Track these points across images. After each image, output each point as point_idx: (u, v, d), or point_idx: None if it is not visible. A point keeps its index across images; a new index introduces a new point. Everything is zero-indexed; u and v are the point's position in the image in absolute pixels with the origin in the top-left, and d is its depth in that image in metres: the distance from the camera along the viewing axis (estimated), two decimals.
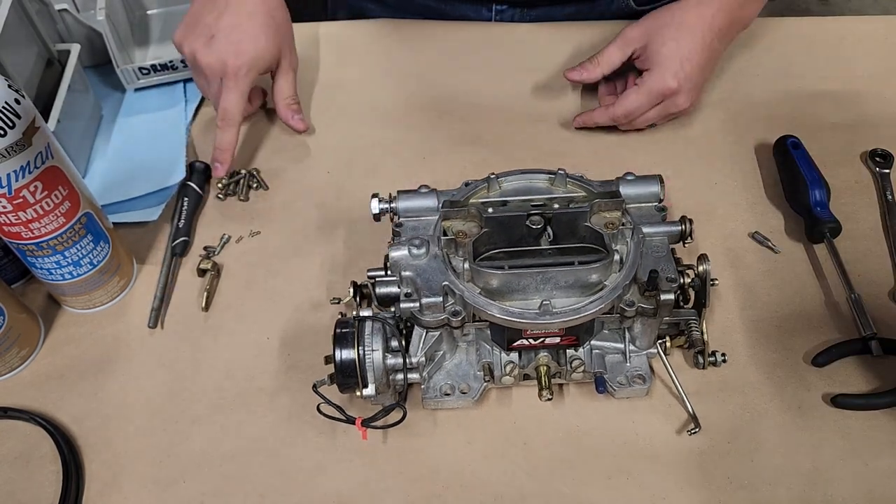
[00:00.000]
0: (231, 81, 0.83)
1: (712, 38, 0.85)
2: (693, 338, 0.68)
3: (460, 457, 0.67)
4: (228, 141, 0.85)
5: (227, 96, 0.83)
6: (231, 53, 0.82)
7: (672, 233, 0.67)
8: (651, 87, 0.84)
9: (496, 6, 1.05)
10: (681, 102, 0.85)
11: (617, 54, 0.88)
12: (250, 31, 0.84)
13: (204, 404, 0.71)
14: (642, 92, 0.84)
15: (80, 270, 0.73)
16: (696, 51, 0.84)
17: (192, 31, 0.84)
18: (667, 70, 0.83)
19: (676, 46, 0.84)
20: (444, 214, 0.67)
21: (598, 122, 0.89)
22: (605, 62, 0.88)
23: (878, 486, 0.64)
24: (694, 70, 0.84)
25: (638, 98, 0.85)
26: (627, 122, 0.88)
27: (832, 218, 0.78)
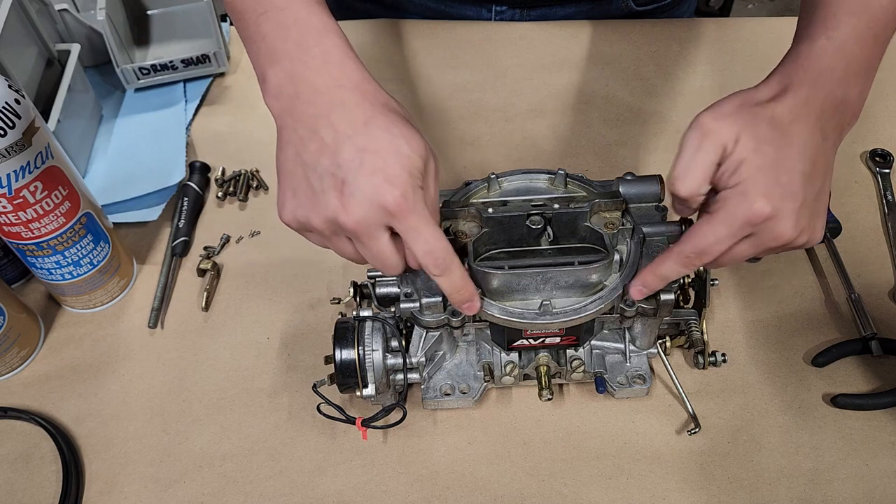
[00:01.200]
0: (409, 219, 0.53)
1: (813, 131, 0.56)
2: (693, 338, 0.68)
3: (460, 457, 0.67)
4: (458, 279, 0.58)
5: (421, 238, 0.54)
6: (383, 189, 0.52)
7: (672, 233, 0.66)
8: (734, 212, 0.55)
9: (496, 7, 1.05)
10: (781, 231, 0.55)
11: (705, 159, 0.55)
12: (383, 143, 0.53)
13: (204, 404, 0.71)
14: (718, 220, 0.55)
15: (80, 270, 0.73)
16: (796, 158, 0.55)
17: (303, 198, 0.56)
18: (756, 187, 0.54)
19: (772, 152, 0.55)
20: (444, 214, 0.67)
21: (668, 276, 0.59)
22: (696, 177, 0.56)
23: (878, 486, 0.64)
24: (795, 183, 0.55)
25: (713, 230, 0.56)
26: (714, 263, 0.58)
27: (832, 218, 0.78)
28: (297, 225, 0.58)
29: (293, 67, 0.56)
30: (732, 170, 0.55)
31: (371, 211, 0.53)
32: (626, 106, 0.94)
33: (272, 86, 0.56)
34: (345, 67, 0.56)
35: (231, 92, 0.99)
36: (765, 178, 0.55)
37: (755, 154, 0.55)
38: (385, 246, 0.55)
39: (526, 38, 1.02)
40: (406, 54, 1.02)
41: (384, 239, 0.55)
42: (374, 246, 0.55)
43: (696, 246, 0.57)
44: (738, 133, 0.55)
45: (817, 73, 0.57)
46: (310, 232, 0.58)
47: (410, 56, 1.02)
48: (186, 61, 0.96)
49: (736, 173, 0.55)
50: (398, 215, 0.53)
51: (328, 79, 0.55)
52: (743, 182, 0.55)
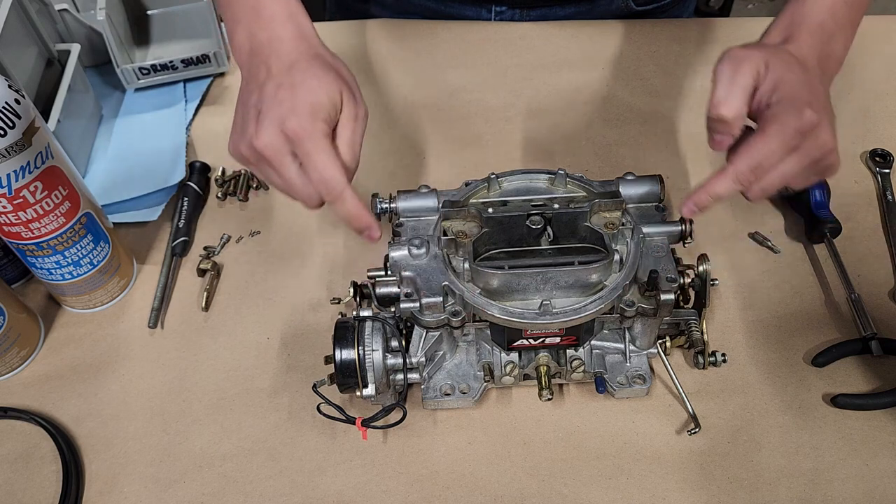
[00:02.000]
0: (307, 144, 0.60)
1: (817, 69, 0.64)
2: (693, 338, 0.68)
3: (460, 457, 0.67)
4: (353, 206, 0.62)
5: (314, 164, 0.60)
6: (287, 115, 0.60)
7: (672, 233, 0.67)
8: (786, 122, 0.59)
9: (496, 7, 1.05)
10: (825, 141, 0.59)
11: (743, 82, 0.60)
12: (297, 80, 0.62)
13: (204, 404, 0.71)
14: (772, 132, 0.59)
15: (80, 270, 0.73)
16: (817, 84, 0.62)
17: (237, 129, 0.64)
18: (799, 97, 0.59)
19: (801, 76, 0.61)
20: (444, 214, 0.67)
21: (720, 193, 0.61)
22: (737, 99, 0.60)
23: (878, 486, 0.64)
24: (826, 103, 0.61)
25: (767, 142, 0.59)
26: (758, 184, 0.61)
27: (832, 218, 0.78)
28: (236, 156, 0.65)
29: (249, 27, 0.66)
30: (771, 89, 0.60)
31: (275, 136, 0.60)
32: (626, 106, 0.94)
33: (236, 44, 0.67)
34: (286, 25, 0.65)
35: (231, 92, 0.99)
36: (804, 92, 0.60)
37: (789, 73, 0.61)
38: (293, 173, 0.61)
39: (526, 38, 1.02)
40: (406, 54, 1.02)
41: (293, 167, 0.61)
42: (284, 172, 0.62)
43: (753, 160, 0.59)
44: (767, 59, 0.61)
45: (812, 28, 0.65)
46: (247, 163, 0.64)
47: (410, 56, 1.02)
48: (186, 61, 0.96)
49: (776, 91, 0.60)
50: (296, 141, 0.60)
51: (271, 34, 0.65)
52: (787, 96, 0.59)
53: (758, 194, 0.62)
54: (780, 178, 0.61)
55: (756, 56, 0.61)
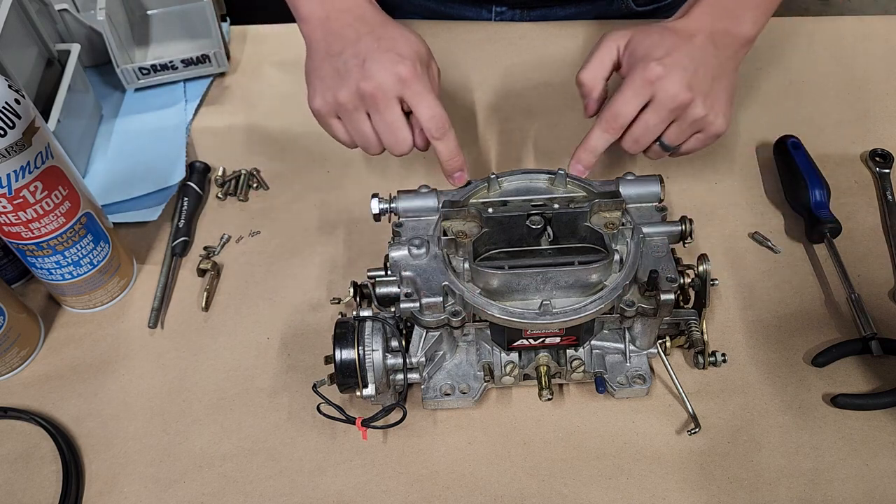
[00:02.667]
0: (416, 86, 0.67)
1: (704, 39, 0.71)
2: (693, 338, 0.68)
3: (460, 457, 0.67)
4: (454, 146, 0.70)
5: (424, 102, 0.68)
6: (396, 60, 0.67)
7: (672, 233, 0.67)
8: (633, 74, 0.69)
9: (496, 7, 1.05)
10: (674, 91, 0.68)
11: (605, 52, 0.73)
12: (396, 33, 0.70)
13: (204, 404, 0.71)
14: (625, 84, 0.69)
15: (80, 270, 0.73)
16: (684, 47, 0.70)
17: (329, 81, 0.69)
18: (649, 56, 0.69)
19: (661, 40, 0.70)
20: (444, 214, 0.67)
21: (594, 145, 0.71)
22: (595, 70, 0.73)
23: (878, 486, 0.64)
24: (685, 62, 0.69)
25: (621, 92, 0.69)
26: (630, 136, 0.71)
27: (832, 218, 0.78)
28: (326, 107, 0.70)
29: None
30: (629, 55, 0.72)
31: (387, 77, 0.67)
32: None
33: (304, 12, 0.72)
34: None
35: (231, 92, 0.99)
36: (657, 51, 0.69)
37: (647, 40, 0.71)
38: (398, 116, 0.69)
39: (526, 38, 1.02)
40: None
41: (398, 109, 0.68)
42: (389, 114, 0.68)
43: (612, 108, 0.70)
44: (631, 34, 0.73)
45: (707, 5, 0.73)
46: (335, 116, 0.71)
47: None
48: (186, 61, 0.96)
49: (632, 56, 0.71)
50: (408, 82, 0.67)
51: (350, 3, 0.72)
52: (639, 56, 0.70)
53: (633, 146, 0.71)
54: (645, 127, 0.70)
55: (618, 34, 0.73)
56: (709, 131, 0.71)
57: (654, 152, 0.73)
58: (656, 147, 0.72)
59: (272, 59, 1.02)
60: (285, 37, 1.04)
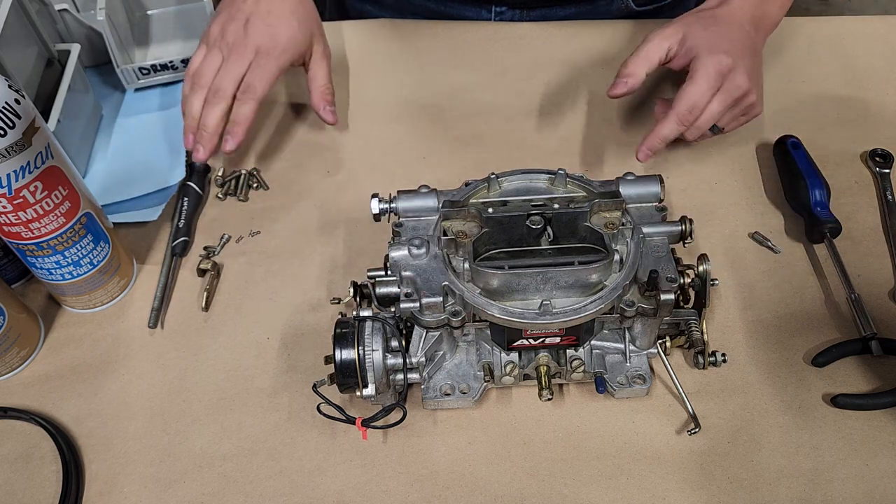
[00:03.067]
0: (263, 60, 0.83)
1: (748, 27, 0.80)
2: (693, 338, 0.68)
3: (460, 457, 0.67)
4: (245, 114, 0.82)
5: (254, 72, 0.82)
6: (267, 35, 0.83)
7: (672, 233, 0.67)
8: (706, 67, 0.75)
9: (496, 7, 1.05)
10: (741, 82, 0.76)
11: (653, 51, 0.79)
12: (284, 16, 0.85)
13: (204, 404, 0.71)
14: (698, 77, 0.76)
15: (80, 270, 0.73)
16: (737, 36, 0.78)
17: (225, 12, 0.86)
18: (716, 48, 0.76)
19: (718, 31, 0.78)
20: (444, 214, 0.67)
21: (667, 135, 0.78)
22: (642, 63, 0.79)
23: (878, 486, 0.64)
24: (743, 52, 0.77)
25: (696, 86, 0.76)
26: (695, 125, 0.78)
27: (832, 218, 0.78)
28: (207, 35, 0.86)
29: None
30: (688, 49, 0.78)
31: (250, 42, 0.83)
32: (626, 106, 0.94)
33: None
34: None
35: None
36: (722, 43, 0.77)
37: (705, 31, 0.78)
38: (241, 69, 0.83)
39: (526, 38, 1.02)
40: (406, 54, 1.02)
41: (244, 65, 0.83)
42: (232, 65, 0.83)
43: (689, 101, 0.76)
44: (684, 30, 0.79)
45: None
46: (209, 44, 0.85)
47: (410, 56, 1.02)
48: (186, 61, 0.96)
49: (693, 48, 0.77)
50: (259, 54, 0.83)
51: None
52: (705, 48, 0.76)
53: (695, 134, 0.79)
54: (710, 116, 0.77)
55: (668, 32, 0.79)
56: (751, 114, 0.81)
57: (704, 136, 0.81)
58: (707, 132, 0.80)
59: None
60: None
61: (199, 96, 0.83)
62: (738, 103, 0.78)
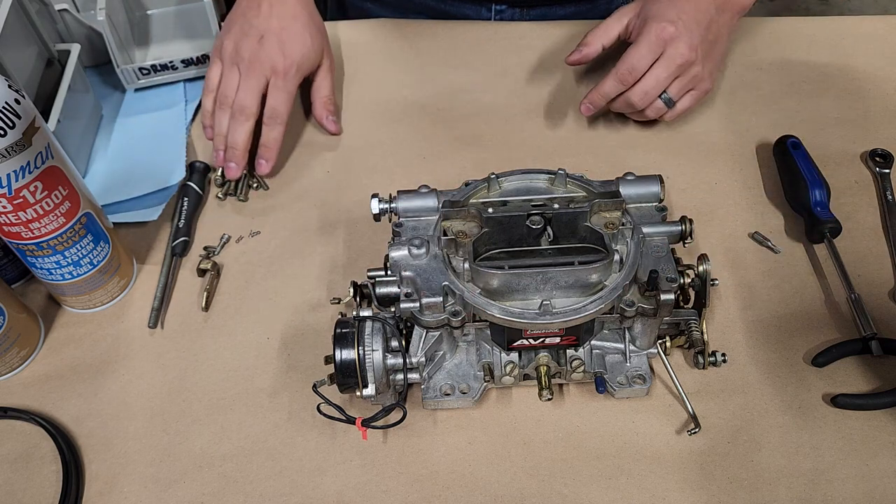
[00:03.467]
0: (280, 81, 0.85)
1: (710, 7, 0.83)
2: (693, 338, 0.68)
3: (460, 457, 0.67)
4: (275, 138, 0.86)
5: (275, 95, 0.85)
6: (280, 54, 0.84)
7: (672, 233, 0.67)
8: (648, 32, 0.80)
9: (496, 6, 1.05)
10: (683, 51, 0.80)
11: (613, 25, 0.86)
12: (296, 32, 0.86)
13: (204, 404, 0.71)
14: (640, 40, 0.81)
15: (80, 270, 0.73)
16: (691, 10, 0.81)
17: (237, 28, 0.86)
18: (662, 16, 0.81)
19: (673, 3, 0.82)
20: (444, 214, 0.67)
21: (607, 91, 0.84)
22: (600, 35, 0.86)
23: (878, 486, 0.64)
24: (693, 25, 0.81)
25: (637, 48, 0.81)
26: (639, 88, 0.83)
27: (832, 218, 0.78)
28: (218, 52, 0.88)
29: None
30: (642, 19, 0.82)
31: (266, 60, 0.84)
32: None
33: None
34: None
35: None
36: (670, 13, 0.81)
37: (660, 4, 0.82)
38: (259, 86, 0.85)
39: (526, 38, 1.02)
40: (406, 54, 1.02)
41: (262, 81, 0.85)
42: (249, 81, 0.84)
43: (627, 62, 0.81)
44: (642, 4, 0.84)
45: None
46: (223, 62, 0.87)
47: (410, 56, 1.02)
48: (186, 61, 0.96)
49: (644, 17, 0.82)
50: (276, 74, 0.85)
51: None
52: (652, 16, 0.81)
53: (641, 98, 0.83)
54: (655, 81, 0.81)
55: (629, 7, 0.86)
56: (700, 89, 0.84)
57: (654, 108, 0.84)
58: (659, 102, 0.83)
59: None
60: None
61: (225, 114, 0.86)
62: (684, 73, 0.82)
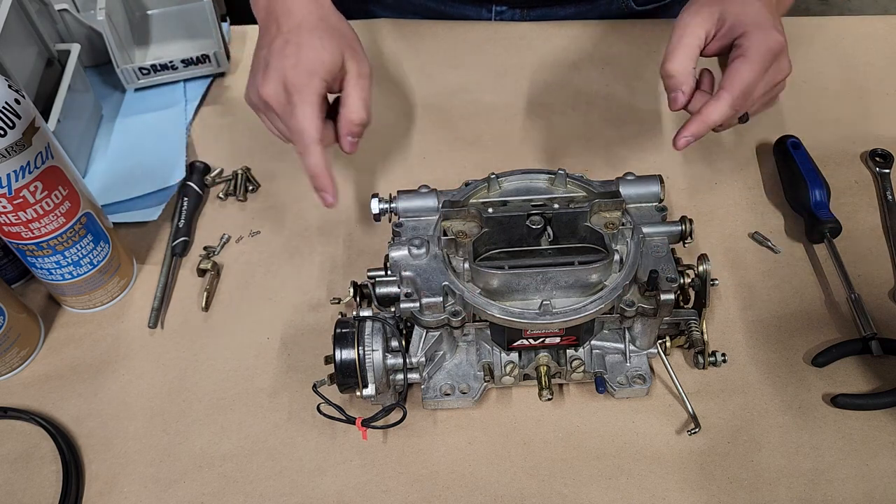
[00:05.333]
0: (296, 96, 0.67)
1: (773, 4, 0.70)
2: (693, 338, 0.68)
3: (460, 457, 0.67)
4: (316, 164, 0.68)
5: (295, 114, 0.67)
6: (288, 68, 0.68)
7: (672, 233, 0.67)
8: (759, 46, 0.64)
9: (496, 7, 1.05)
10: (785, 65, 0.67)
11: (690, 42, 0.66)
12: (303, 40, 0.69)
13: (204, 404, 0.71)
14: (752, 54, 0.64)
15: (80, 270, 0.73)
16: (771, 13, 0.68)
17: (250, 78, 0.72)
18: (766, 23, 0.65)
19: (758, 7, 0.67)
20: (444, 214, 0.67)
21: (717, 120, 0.65)
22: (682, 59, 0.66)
23: (878, 486, 0.64)
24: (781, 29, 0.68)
25: (752, 64, 0.64)
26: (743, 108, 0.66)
27: (832, 218, 0.78)
28: (248, 103, 0.74)
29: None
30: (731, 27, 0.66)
31: (277, 86, 0.68)
32: (626, 106, 0.94)
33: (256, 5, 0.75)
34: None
35: (231, 92, 0.99)
36: (769, 19, 0.66)
37: (748, 7, 0.66)
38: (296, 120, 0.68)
39: (526, 38, 1.02)
40: (406, 54, 1.02)
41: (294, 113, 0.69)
42: (285, 119, 0.69)
43: (744, 82, 0.64)
44: (721, 9, 0.67)
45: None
46: (256, 109, 0.73)
47: (410, 56, 1.02)
48: (186, 61, 0.96)
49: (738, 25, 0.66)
50: (292, 94, 0.68)
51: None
52: (754, 25, 0.65)
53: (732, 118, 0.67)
54: (757, 101, 0.67)
55: (704, 13, 0.67)
56: (773, 102, 0.71)
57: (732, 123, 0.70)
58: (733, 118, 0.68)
59: None
60: None
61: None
62: (775, 88, 0.68)
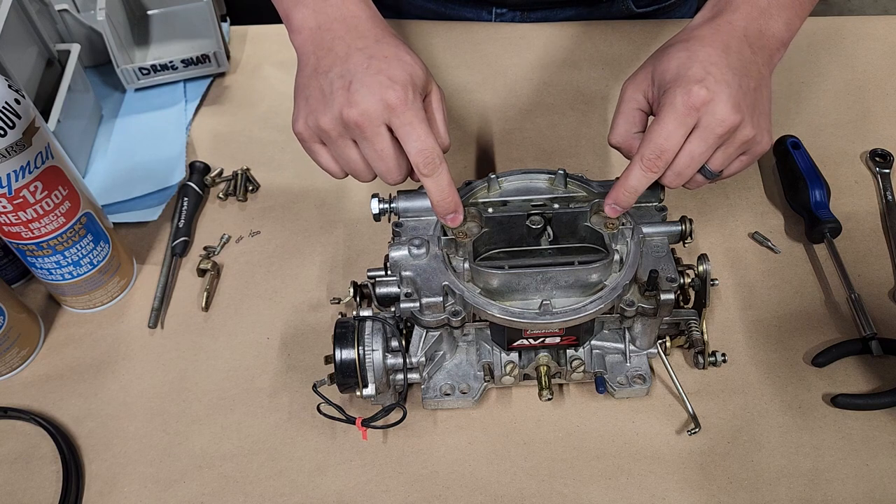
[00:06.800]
0: (406, 115, 0.59)
1: (741, 46, 0.62)
2: (693, 338, 0.68)
3: (460, 457, 0.67)
4: (449, 182, 0.62)
5: (414, 134, 0.60)
6: (386, 85, 0.59)
7: (672, 233, 0.67)
8: (673, 102, 0.59)
9: (496, 9, 1.05)
10: (723, 115, 0.59)
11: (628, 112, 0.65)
12: (390, 53, 0.62)
13: (204, 404, 0.71)
14: (664, 114, 0.60)
15: (80, 270, 0.73)
16: (720, 58, 0.61)
17: (314, 103, 0.62)
18: (686, 77, 0.60)
19: (691, 56, 0.61)
20: None
21: (635, 186, 0.62)
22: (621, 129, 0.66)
23: (878, 486, 0.64)
24: (727, 77, 0.60)
25: (662, 125, 0.60)
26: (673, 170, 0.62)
27: (832, 218, 0.78)
28: (308, 131, 0.63)
29: (315, 6, 0.65)
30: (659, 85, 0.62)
31: (373, 104, 0.59)
32: None
33: (296, 23, 0.65)
34: (360, 5, 0.65)
35: (231, 92, 0.99)
36: (697, 71, 0.60)
37: (673, 61, 0.62)
38: (388, 144, 0.61)
39: (526, 39, 1.02)
40: None
41: (386, 136, 0.60)
42: (378, 143, 0.60)
43: (653, 143, 0.60)
44: (651, 69, 0.64)
45: (742, 4, 0.64)
46: (319, 141, 0.64)
47: None
48: (186, 61, 0.96)
49: (663, 84, 0.62)
50: (397, 110, 0.59)
51: (346, 11, 0.64)
52: (675, 80, 0.61)
53: (674, 180, 0.63)
54: (690, 159, 0.61)
55: (637, 79, 0.65)
56: (754, 151, 0.63)
57: (694, 182, 0.65)
58: (698, 177, 0.64)
59: (272, 60, 1.02)
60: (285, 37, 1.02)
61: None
62: (729, 141, 0.61)
